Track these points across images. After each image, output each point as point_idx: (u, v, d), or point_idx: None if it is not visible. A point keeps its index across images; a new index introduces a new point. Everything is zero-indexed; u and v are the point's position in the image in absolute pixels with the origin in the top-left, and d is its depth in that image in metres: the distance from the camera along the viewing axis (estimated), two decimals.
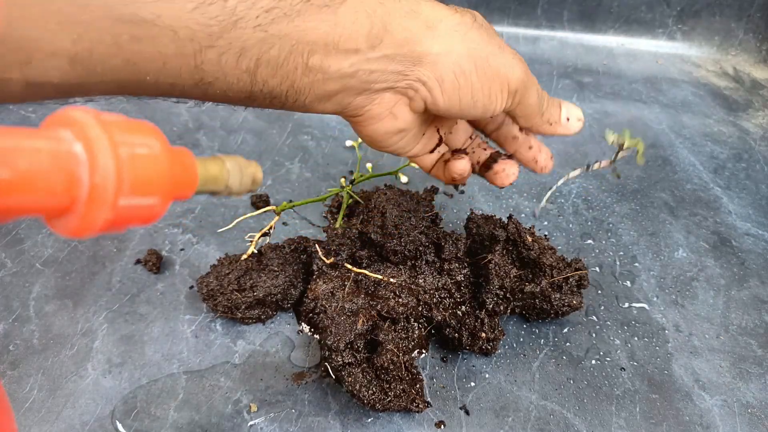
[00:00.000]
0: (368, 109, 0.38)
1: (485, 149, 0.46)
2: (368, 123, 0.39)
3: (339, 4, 0.34)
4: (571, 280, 0.49)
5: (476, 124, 0.47)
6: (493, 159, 0.45)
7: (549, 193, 0.51)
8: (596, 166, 0.46)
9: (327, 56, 0.34)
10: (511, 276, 0.48)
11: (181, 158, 0.23)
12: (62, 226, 0.19)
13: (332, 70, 0.35)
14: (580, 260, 0.50)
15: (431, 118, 0.43)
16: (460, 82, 0.37)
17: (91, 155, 0.18)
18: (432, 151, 0.45)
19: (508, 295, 0.47)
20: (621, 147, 0.45)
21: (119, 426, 0.42)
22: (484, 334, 0.46)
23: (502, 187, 0.52)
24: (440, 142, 0.45)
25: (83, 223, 0.18)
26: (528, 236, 0.49)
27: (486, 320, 0.47)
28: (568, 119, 0.44)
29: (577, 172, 0.47)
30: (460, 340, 0.46)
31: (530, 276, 0.49)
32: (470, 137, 0.47)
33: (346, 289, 0.47)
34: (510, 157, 0.45)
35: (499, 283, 0.47)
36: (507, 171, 0.44)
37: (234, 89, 0.33)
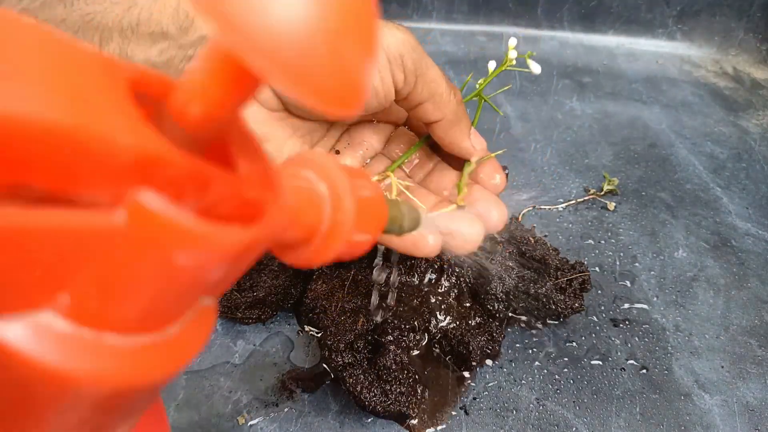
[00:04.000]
0: None
1: None
2: None
3: None
4: (574, 282, 0.49)
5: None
6: None
7: None
8: None
9: (126, 43, 0.30)
10: (512, 276, 0.48)
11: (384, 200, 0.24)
12: (294, 256, 0.20)
13: (139, 59, 0.30)
14: (583, 263, 0.50)
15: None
16: None
17: (335, 195, 0.19)
18: None
19: (510, 296, 0.47)
20: None
21: None
22: (484, 335, 0.46)
23: None
24: None
25: (316, 256, 0.19)
26: (530, 237, 0.49)
27: (487, 321, 0.47)
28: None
29: None
30: (461, 340, 0.46)
31: (534, 277, 0.49)
32: None
33: (346, 289, 0.47)
34: None
35: (500, 283, 0.47)
36: None
37: None
